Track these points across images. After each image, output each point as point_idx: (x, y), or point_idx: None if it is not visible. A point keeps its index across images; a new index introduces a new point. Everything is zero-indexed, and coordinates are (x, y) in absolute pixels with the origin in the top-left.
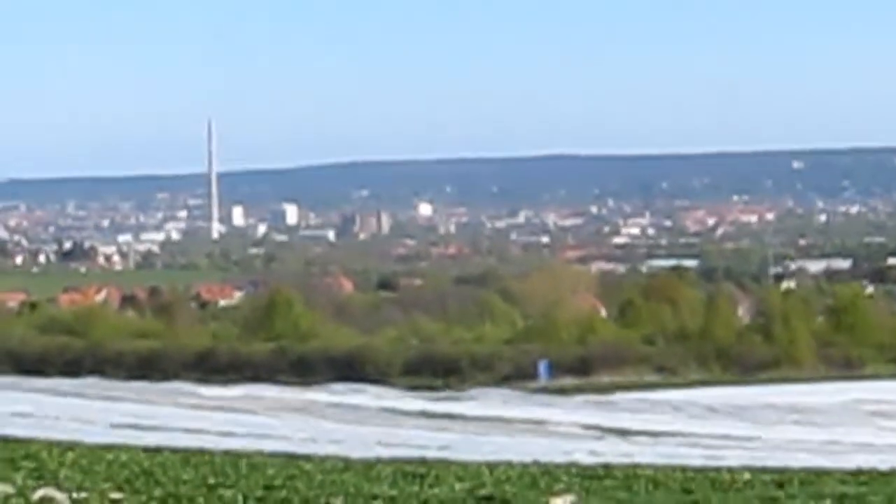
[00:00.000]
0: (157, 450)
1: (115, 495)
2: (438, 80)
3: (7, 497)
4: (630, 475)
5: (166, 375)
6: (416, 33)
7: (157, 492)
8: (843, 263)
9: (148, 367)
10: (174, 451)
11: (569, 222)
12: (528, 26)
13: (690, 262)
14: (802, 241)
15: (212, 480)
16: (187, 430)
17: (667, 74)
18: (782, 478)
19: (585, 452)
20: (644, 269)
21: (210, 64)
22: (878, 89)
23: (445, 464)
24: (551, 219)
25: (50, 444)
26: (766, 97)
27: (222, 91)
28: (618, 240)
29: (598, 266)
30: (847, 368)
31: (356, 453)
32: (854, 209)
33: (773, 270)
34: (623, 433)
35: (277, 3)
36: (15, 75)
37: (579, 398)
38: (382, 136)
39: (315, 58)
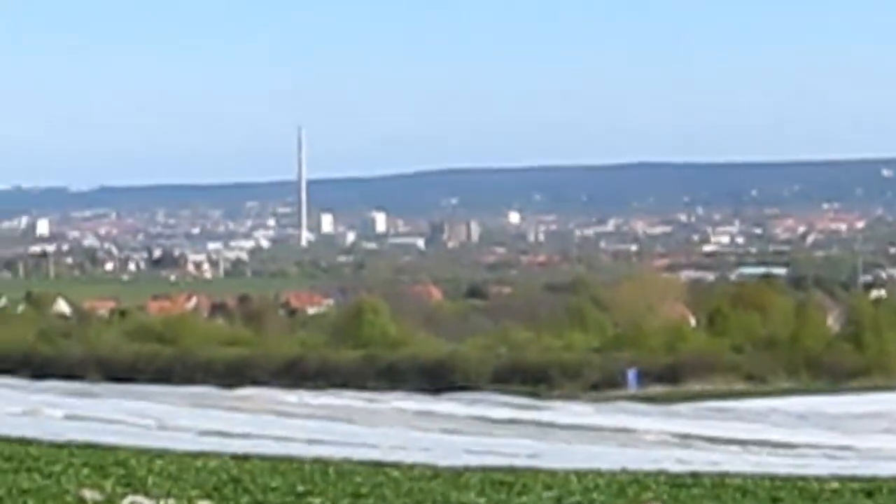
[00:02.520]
0: (246, 457)
1: (204, 502)
2: (527, 89)
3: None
4: (718, 483)
5: (256, 383)
6: (503, 40)
7: (245, 499)
8: None
9: (237, 375)
10: (262, 458)
11: (658, 230)
12: (613, 31)
13: (780, 270)
14: (893, 250)
15: (300, 488)
16: (276, 438)
17: (757, 81)
18: (871, 486)
19: (674, 461)
20: (733, 277)
21: (300, 71)
22: None
23: (533, 472)
24: (640, 227)
25: (139, 452)
26: (857, 105)
27: (312, 99)
28: (707, 248)
29: (686, 274)
30: None
31: (444, 461)
32: None
33: (863, 279)
34: (712, 441)
35: (366, 10)
36: (106, 81)
37: (668, 407)
38: (472, 144)
39: (405, 65)
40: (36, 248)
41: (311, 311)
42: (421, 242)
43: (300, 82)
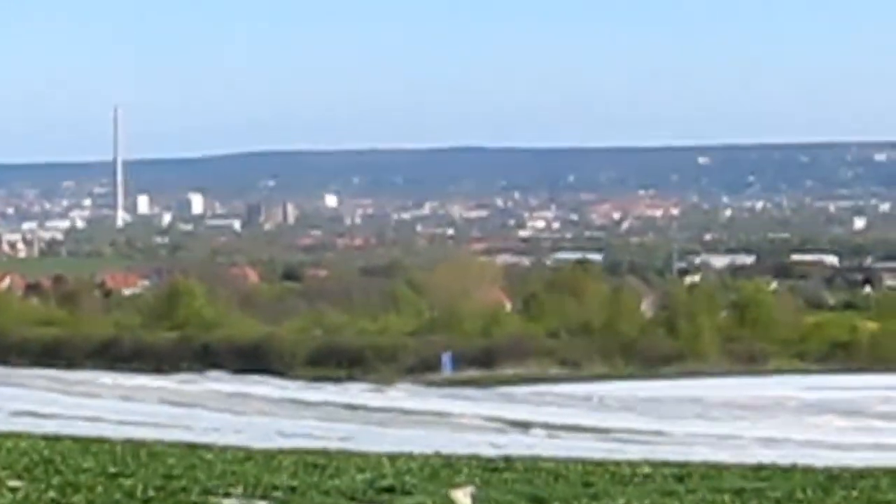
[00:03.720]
0: (57, 438)
1: (14, 483)
2: (345, 71)
3: None
4: (531, 468)
5: (70, 363)
6: (322, 22)
7: (57, 480)
8: (748, 259)
9: (52, 356)
10: (74, 439)
11: (474, 214)
12: (434, 17)
13: (596, 256)
14: (707, 237)
15: (112, 469)
16: (87, 419)
17: (573, 66)
18: (682, 472)
19: (487, 445)
20: (549, 262)
21: (117, 49)
22: (784, 86)
23: (346, 455)
24: (457, 211)
25: None
26: (673, 92)
27: (129, 77)
28: (523, 233)
29: (503, 259)
30: (750, 363)
31: (258, 443)
32: (759, 205)
33: (677, 265)
34: (525, 426)
35: None
36: None
37: (482, 391)
38: (289, 126)
39: (223, 45)
40: None
41: (127, 292)
42: (237, 224)
43: (117, 60)
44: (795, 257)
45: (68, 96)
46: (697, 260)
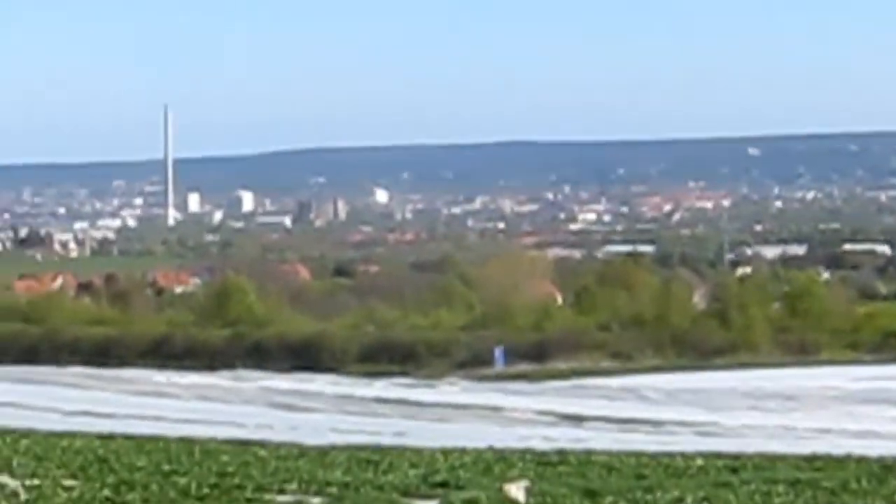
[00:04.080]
0: (111, 437)
1: (69, 482)
2: (394, 68)
3: None
4: (584, 461)
5: (122, 362)
6: (371, 21)
7: (111, 479)
8: (799, 249)
9: (104, 355)
10: (128, 437)
11: (525, 208)
12: (476, 14)
13: (646, 248)
14: (758, 228)
15: (166, 467)
16: (142, 417)
17: (623, 61)
18: (736, 463)
19: (540, 438)
20: (600, 255)
21: (167, 49)
22: (832, 76)
23: (400, 450)
24: (507, 205)
25: (4, 432)
26: (723, 84)
27: (179, 77)
28: (574, 226)
29: (554, 252)
30: (802, 354)
31: (310, 440)
32: (809, 195)
33: (728, 256)
34: (578, 419)
35: None
36: None
37: (534, 385)
38: (338, 122)
39: (272, 44)
40: None
41: (178, 290)
42: (288, 221)
43: (167, 60)
44: (847, 247)
45: (118, 96)
46: (749, 251)
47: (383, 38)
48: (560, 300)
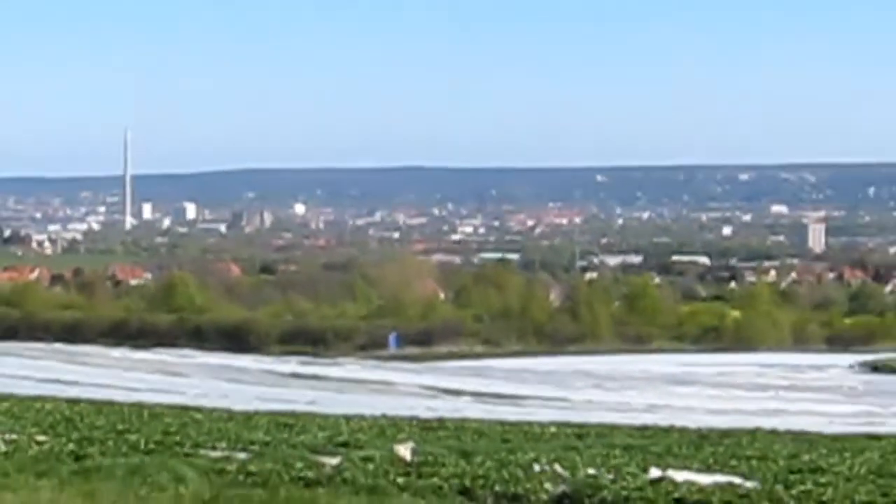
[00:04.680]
0: (76, 401)
1: (41, 437)
2: (311, 103)
3: None
4: (459, 427)
5: (86, 341)
6: (292, 60)
7: (75, 435)
8: (636, 259)
9: (71, 334)
10: (90, 402)
11: (416, 221)
12: (382, 46)
13: (513, 256)
14: (604, 240)
15: (120, 426)
16: (101, 386)
17: (494, 103)
18: (582, 431)
19: (424, 409)
20: (476, 260)
21: (125, 78)
22: (668, 115)
23: (311, 416)
24: (402, 218)
25: None
26: (577, 122)
27: (136, 104)
28: (455, 237)
29: (438, 257)
30: (638, 343)
31: (239, 406)
32: (645, 215)
33: (579, 263)
34: (456, 393)
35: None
36: None
37: (421, 364)
38: (267, 148)
39: (216, 77)
40: None
41: (133, 282)
42: (223, 228)
43: (126, 88)
44: (675, 258)
45: (85, 123)
46: (596, 260)
47: (302, 76)
48: (442, 296)
